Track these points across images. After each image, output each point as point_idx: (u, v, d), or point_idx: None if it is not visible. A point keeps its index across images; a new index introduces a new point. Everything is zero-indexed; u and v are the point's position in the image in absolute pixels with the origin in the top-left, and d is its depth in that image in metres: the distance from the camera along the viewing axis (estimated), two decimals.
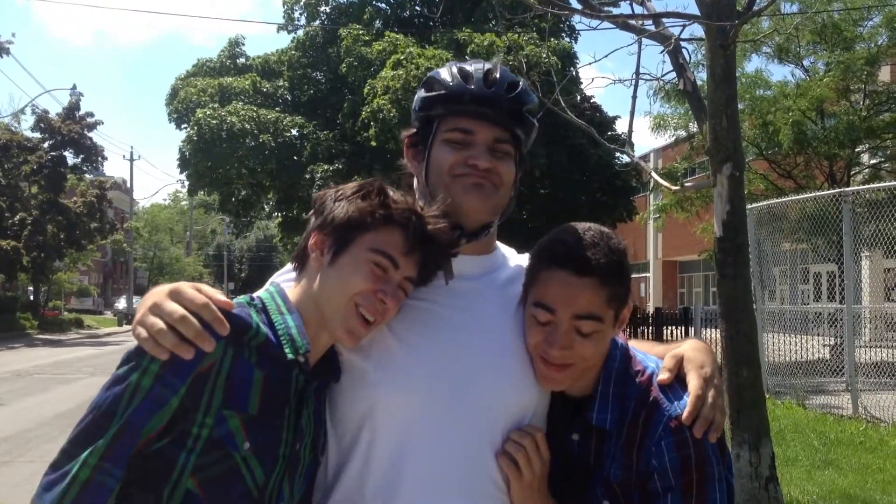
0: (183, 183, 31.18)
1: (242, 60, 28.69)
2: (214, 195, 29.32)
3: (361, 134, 21.86)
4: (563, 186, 23.34)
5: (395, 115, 19.99)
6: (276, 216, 31.80)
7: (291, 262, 1.61)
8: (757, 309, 9.03)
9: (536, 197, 22.98)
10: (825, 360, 11.45)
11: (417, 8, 26.91)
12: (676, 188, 6.28)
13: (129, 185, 52.05)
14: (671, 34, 5.23)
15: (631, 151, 6.34)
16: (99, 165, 35.33)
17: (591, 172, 24.28)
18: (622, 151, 7.68)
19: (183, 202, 71.99)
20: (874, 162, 16.05)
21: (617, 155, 23.29)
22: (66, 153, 31.99)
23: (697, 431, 1.49)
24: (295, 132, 25.44)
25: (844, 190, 10.89)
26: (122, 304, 46.96)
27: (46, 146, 31.33)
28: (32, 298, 35.52)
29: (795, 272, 12.64)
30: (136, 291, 47.10)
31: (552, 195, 23.33)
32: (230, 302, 1.41)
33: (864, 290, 11.61)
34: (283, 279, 1.62)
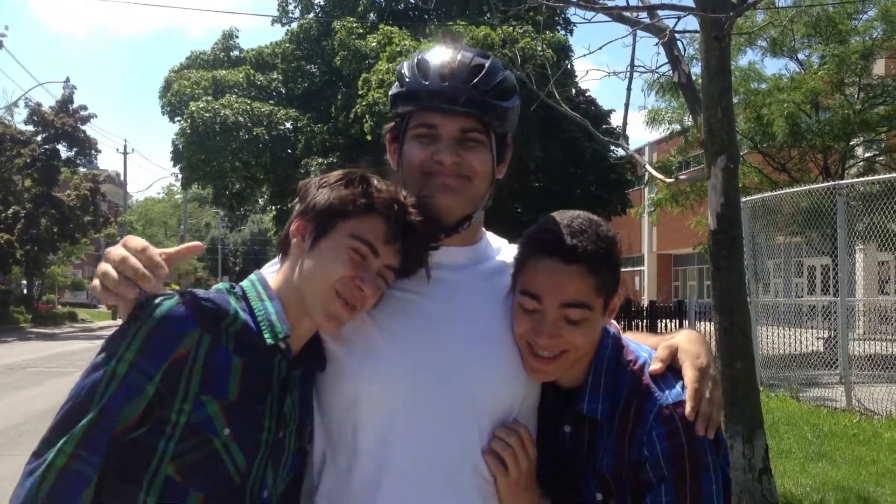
0: (177, 176, 31.17)
1: (236, 53, 28.59)
2: (208, 189, 29.30)
3: (356, 127, 21.81)
4: (557, 179, 23.31)
5: (389, 108, 19.93)
6: (270, 210, 31.79)
7: (276, 249, 1.60)
8: (751, 302, 9.05)
9: (531, 190, 22.95)
10: (819, 352, 11.47)
11: (412, 0, 26.84)
12: (671, 180, 6.29)
13: (122, 178, 51.88)
14: (666, 26, 5.23)
15: (626, 144, 6.34)
16: (92, 159, 35.21)
17: (585, 166, 24.26)
18: (617, 144, 7.68)
19: (177, 196, 71.92)
20: (868, 155, 16.05)
21: (612, 148, 23.28)
22: (59, 146, 32.00)
23: (700, 429, 1.47)
24: (289, 125, 25.40)
25: (839, 183, 10.90)
26: None
27: (40, 139, 31.26)
28: (26, 292, 35.51)
29: (789, 265, 12.64)
30: None
31: (547, 188, 23.31)
32: (198, 245, 1.54)
33: (858, 283, 11.64)
34: (268, 271, 1.61)
